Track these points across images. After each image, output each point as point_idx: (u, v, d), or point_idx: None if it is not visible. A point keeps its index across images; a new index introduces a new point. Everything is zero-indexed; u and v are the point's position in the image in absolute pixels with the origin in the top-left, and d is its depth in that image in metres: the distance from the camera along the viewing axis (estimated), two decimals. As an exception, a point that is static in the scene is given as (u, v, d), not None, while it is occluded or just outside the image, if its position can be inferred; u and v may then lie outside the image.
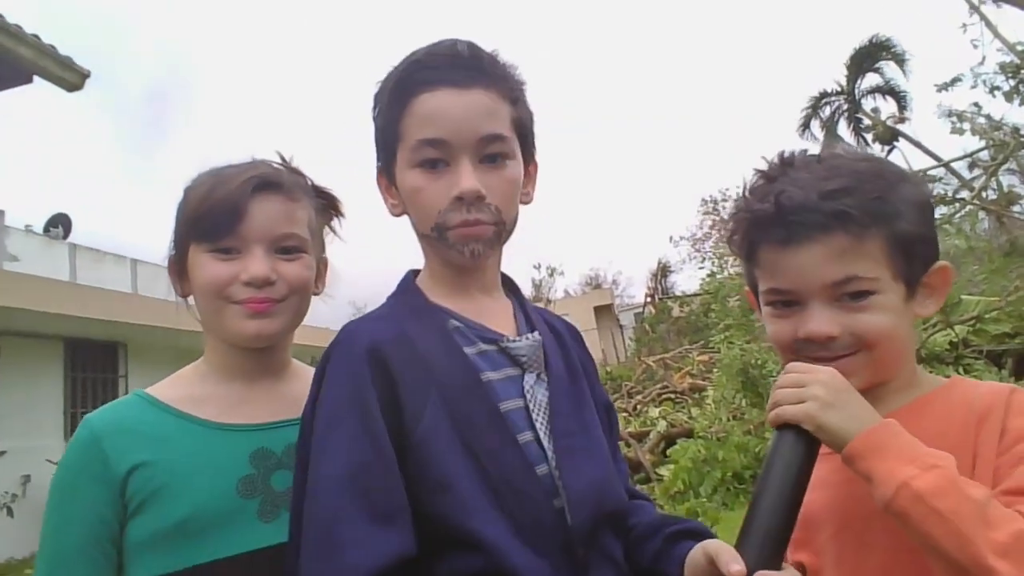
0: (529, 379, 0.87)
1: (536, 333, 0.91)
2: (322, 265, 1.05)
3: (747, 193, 0.86)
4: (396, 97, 0.87)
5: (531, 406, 0.85)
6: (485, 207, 0.84)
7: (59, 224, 10.80)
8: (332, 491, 0.74)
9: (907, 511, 0.64)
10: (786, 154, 0.85)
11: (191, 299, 0.98)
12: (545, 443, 0.83)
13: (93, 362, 8.49)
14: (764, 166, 0.85)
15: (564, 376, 0.91)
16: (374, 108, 0.92)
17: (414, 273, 0.96)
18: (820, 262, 0.77)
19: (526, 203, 0.94)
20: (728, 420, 5.92)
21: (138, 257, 11.11)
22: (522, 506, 0.77)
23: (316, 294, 1.04)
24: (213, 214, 0.91)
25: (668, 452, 6.16)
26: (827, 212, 0.76)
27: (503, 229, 0.88)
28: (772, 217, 0.79)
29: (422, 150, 0.85)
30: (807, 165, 0.82)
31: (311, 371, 1.09)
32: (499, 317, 0.93)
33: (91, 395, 8.20)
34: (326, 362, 0.83)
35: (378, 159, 0.94)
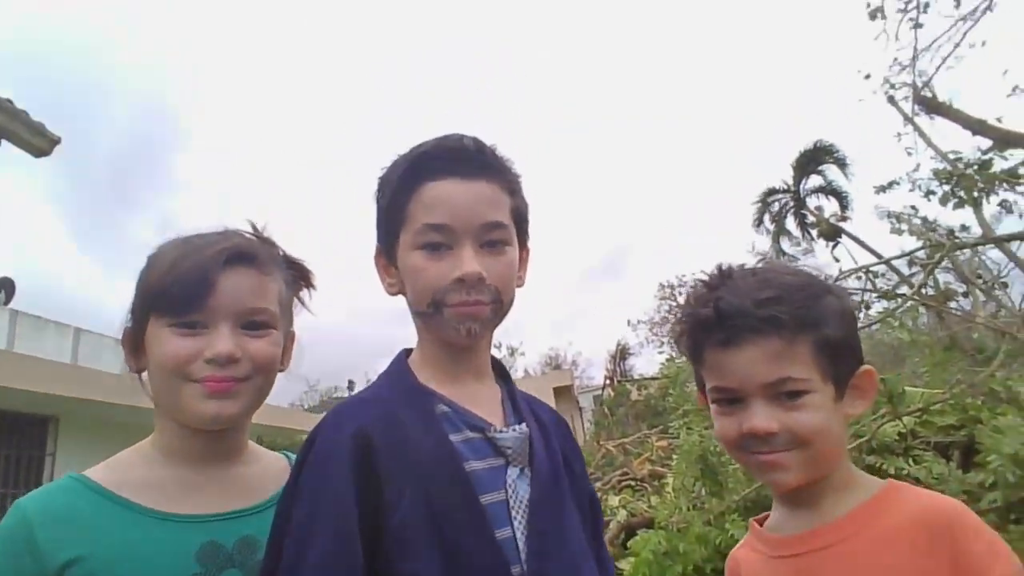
0: (512, 472, 0.87)
1: (523, 425, 0.92)
2: (289, 340, 1.01)
3: (691, 300, 0.95)
4: (404, 184, 0.91)
5: (512, 501, 0.84)
6: (485, 288, 0.89)
7: (2, 289, 10.32)
8: None
9: None
10: (724, 267, 0.95)
11: (144, 375, 0.93)
12: (520, 543, 0.82)
13: (19, 438, 7.89)
14: (705, 277, 0.95)
15: (547, 472, 0.91)
16: (378, 192, 0.97)
17: (406, 352, 0.97)
18: (757, 363, 0.85)
19: (519, 286, 0.98)
20: (688, 509, 5.80)
21: (83, 326, 10.63)
22: None
23: (281, 371, 1.00)
24: (180, 285, 0.87)
25: (628, 544, 5.96)
26: (761, 317, 0.85)
27: (500, 309, 0.92)
28: (713, 321, 0.88)
29: (427, 233, 0.89)
30: (743, 277, 0.93)
31: (270, 455, 1.05)
32: (488, 404, 0.94)
33: (14, 474, 7.56)
34: (310, 446, 0.81)
35: (378, 240, 0.98)
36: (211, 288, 0.88)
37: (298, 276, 1.04)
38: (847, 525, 0.85)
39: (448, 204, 0.88)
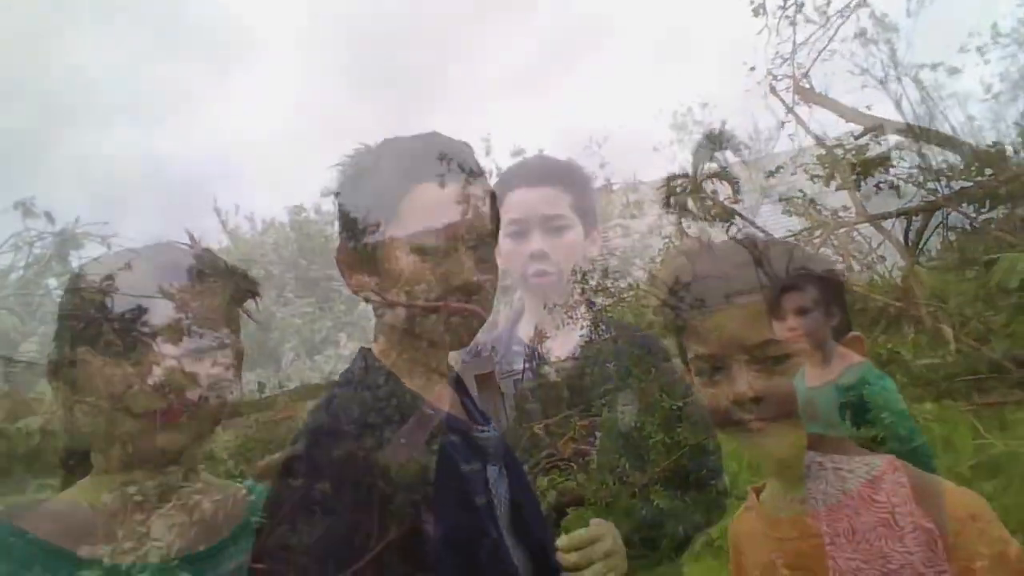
0: (492, 472, 0.87)
1: (493, 425, 0.94)
2: (238, 357, 0.94)
3: (672, 270, 0.94)
4: (394, 181, 0.89)
5: (495, 502, 0.85)
6: (483, 295, 0.90)
7: None
8: None
9: None
10: (704, 238, 0.95)
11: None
12: (509, 543, 0.84)
13: None
14: (685, 248, 0.97)
15: (518, 469, 0.94)
16: (350, 186, 0.93)
17: (368, 351, 0.94)
18: (738, 325, 0.82)
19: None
20: (614, 484, 6.09)
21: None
22: None
23: (231, 391, 0.93)
24: (116, 307, 0.81)
25: (562, 522, 6.16)
26: (741, 279, 0.84)
27: (483, 321, 0.92)
28: (693, 285, 0.88)
29: (426, 237, 0.87)
30: (721, 246, 0.96)
31: (226, 485, 0.97)
32: (452, 406, 0.94)
33: None
34: (289, 472, 0.78)
35: (351, 238, 0.91)
36: (152, 307, 0.82)
37: (242, 286, 0.97)
38: (843, 509, 0.79)
39: (442, 211, 0.87)
